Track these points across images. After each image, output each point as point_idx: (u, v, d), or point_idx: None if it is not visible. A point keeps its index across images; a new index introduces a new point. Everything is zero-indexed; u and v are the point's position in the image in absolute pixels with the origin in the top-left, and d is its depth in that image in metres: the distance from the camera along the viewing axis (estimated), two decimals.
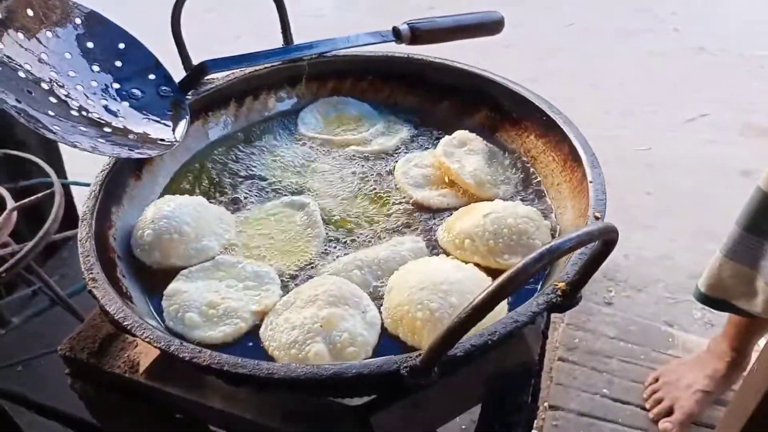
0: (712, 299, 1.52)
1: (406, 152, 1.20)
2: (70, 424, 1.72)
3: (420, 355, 0.67)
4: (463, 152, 1.14)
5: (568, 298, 0.75)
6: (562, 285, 0.75)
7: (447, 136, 1.16)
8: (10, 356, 1.76)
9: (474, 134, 1.17)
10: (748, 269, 1.39)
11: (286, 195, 1.11)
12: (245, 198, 1.10)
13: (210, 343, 0.83)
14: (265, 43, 1.29)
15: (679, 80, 3.36)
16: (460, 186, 1.10)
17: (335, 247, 1.00)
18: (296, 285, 0.93)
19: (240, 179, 1.14)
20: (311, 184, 1.13)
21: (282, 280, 0.94)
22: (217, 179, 1.14)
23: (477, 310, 0.57)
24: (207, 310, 0.86)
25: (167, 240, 0.94)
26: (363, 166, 1.18)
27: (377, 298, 0.90)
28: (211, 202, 1.08)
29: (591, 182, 0.93)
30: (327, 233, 1.02)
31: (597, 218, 0.88)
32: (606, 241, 0.65)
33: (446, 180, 1.12)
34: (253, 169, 1.17)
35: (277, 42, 1.28)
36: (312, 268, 0.97)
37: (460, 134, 1.16)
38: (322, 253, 0.99)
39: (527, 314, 0.73)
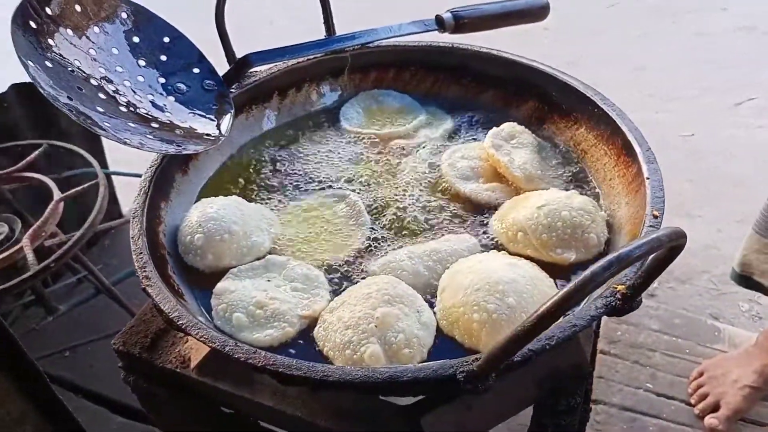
0: (741, 276, 1.49)
1: (451, 144, 1.18)
2: (116, 409, 1.76)
3: (477, 359, 0.66)
4: (512, 145, 1.11)
5: (629, 302, 0.72)
6: (622, 288, 0.73)
7: (495, 128, 1.13)
8: (57, 343, 1.81)
9: (522, 126, 1.14)
10: None
11: (327, 188, 1.10)
12: (289, 192, 1.10)
13: (257, 345, 0.82)
14: (298, 26, 1.28)
15: (727, 62, 3.23)
16: (508, 180, 1.07)
17: (383, 240, 1.00)
18: (345, 277, 0.93)
19: (283, 174, 1.14)
20: (356, 178, 1.12)
21: (330, 273, 0.94)
22: (260, 174, 1.14)
23: (543, 318, 0.55)
24: (254, 310, 0.86)
25: (218, 241, 0.94)
26: (409, 159, 1.16)
27: (431, 293, 0.89)
28: (253, 198, 1.08)
29: (647, 179, 0.90)
30: (373, 228, 1.02)
31: (655, 216, 0.85)
32: (673, 247, 0.63)
33: (495, 173, 1.10)
34: (296, 163, 1.16)
35: (311, 26, 1.26)
36: (360, 258, 0.96)
37: (509, 126, 1.14)
38: (369, 243, 0.99)
39: (585, 318, 0.72)
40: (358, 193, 1.08)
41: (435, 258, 0.92)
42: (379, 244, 0.99)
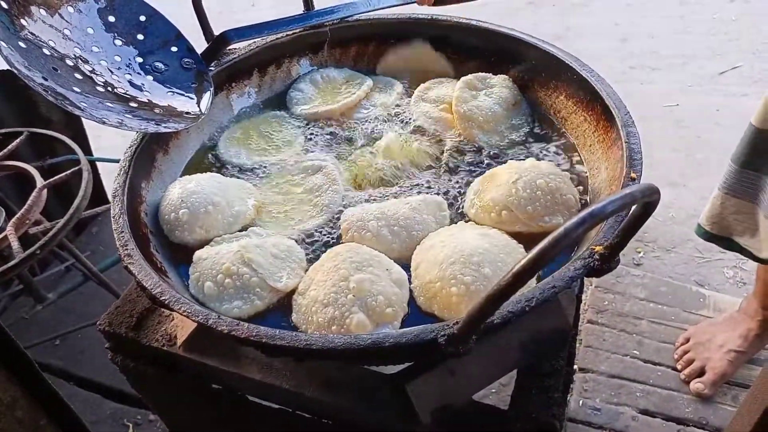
0: (715, 236, 1.52)
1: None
2: (108, 394, 1.77)
3: (457, 323, 0.66)
4: (484, 92, 1.14)
5: (607, 262, 0.73)
6: (599, 248, 0.73)
7: (487, 73, 1.17)
8: (47, 331, 1.81)
9: (514, 85, 1.16)
10: (749, 203, 1.40)
11: (303, 160, 1.11)
12: (265, 169, 1.11)
13: (230, 316, 0.82)
14: (281, 8, 1.26)
15: (710, 31, 3.24)
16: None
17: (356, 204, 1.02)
18: (320, 241, 0.96)
19: (261, 154, 1.13)
20: (326, 154, 1.12)
21: (308, 238, 0.96)
22: (237, 153, 1.14)
23: (518, 276, 0.56)
24: (223, 279, 0.85)
25: (203, 213, 0.94)
26: (373, 127, 1.16)
27: (391, 257, 0.90)
28: (234, 175, 1.09)
29: (626, 142, 0.91)
30: (347, 193, 1.04)
31: (633, 179, 0.85)
32: (646, 203, 0.64)
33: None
34: (271, 143, 1.16)
35: (294, 7, 1.25)
36: (335, 222, 0.98)
37: (500, 78, 1.16)
38: (343, 208, 1.00)
39: (564, 279, 0.72)
40: (336, 160, 1.10)
41: (402, 224, 0.92)
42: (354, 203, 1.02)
